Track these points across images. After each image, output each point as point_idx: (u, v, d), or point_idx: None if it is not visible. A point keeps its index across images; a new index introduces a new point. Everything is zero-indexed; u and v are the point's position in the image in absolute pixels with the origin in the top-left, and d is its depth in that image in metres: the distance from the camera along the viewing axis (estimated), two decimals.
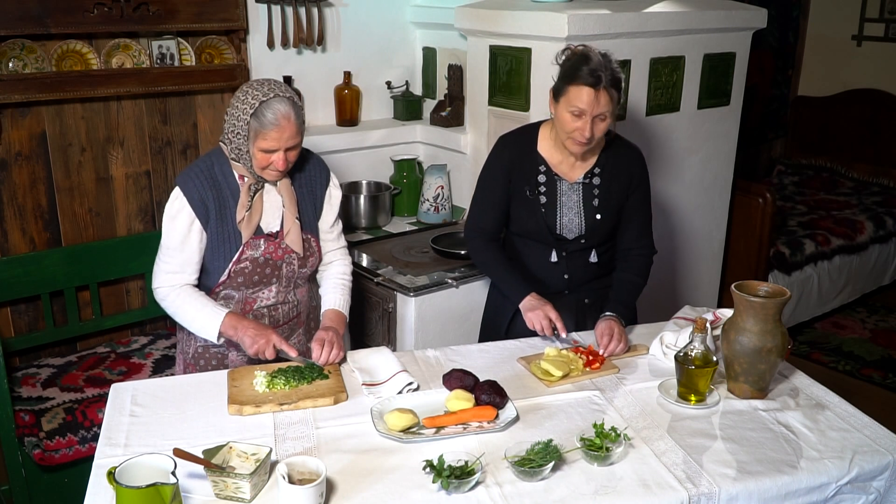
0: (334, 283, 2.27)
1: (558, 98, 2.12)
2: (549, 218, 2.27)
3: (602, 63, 2.05)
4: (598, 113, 2.06)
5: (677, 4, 3.11)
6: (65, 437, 2.45)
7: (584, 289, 2.37)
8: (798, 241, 4.39)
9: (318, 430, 1.74)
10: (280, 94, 1.99)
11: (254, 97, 1.98)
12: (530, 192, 2.25)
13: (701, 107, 3.32)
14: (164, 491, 1.35)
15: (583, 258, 2.32)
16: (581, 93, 2.04)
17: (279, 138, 1.98)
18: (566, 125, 2.11)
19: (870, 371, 4.06)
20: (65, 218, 2.87)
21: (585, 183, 2.26)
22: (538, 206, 2.26)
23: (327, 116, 3.40)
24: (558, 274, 2.33)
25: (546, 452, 1.59)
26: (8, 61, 2.62)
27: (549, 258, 2.30)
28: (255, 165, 2.04)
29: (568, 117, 2.09)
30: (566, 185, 2.26)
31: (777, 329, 1.84)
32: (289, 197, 2.14)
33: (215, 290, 2.14)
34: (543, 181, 2.26)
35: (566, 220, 2.27)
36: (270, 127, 1.96)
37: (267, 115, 1.96)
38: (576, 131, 2.09)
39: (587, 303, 2.38)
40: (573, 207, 2.27)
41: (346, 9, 3.31)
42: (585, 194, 2.27)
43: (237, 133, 2.00)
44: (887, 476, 1.70)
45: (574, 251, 2.30)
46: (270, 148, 1.99)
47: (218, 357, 2.20)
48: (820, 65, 5.71)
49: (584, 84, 2.04)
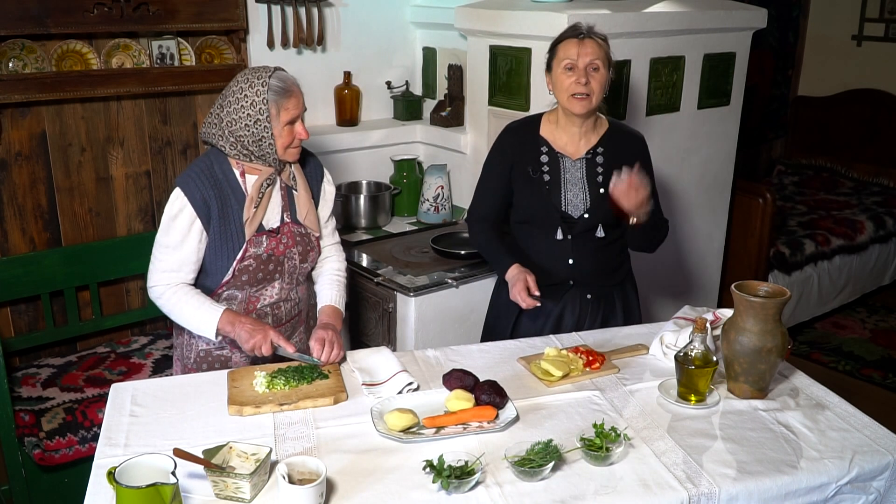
0: (329, 279, 2.28)
1: (551, 66, 2.25)
2: (554, 195, 2.29)
3: (582, 24, 2.23)
4: (589, 62, 2.17)
5: (677, 4, 3.11)
6: (65, 437, 2.45)
7: (588, 281, 2.36)
8: (798, 241, 4.39)
9: (318, 430, 1.74)
10: (277, 68, 2.08)
11: (258, 78, 2.03)
12: (533, 171, 2.29)
13: (701, 107, 3.32)
14: (164, 491, 1.35)
15: (589, 239, 2.32)
16: (568, 46, 2.19)
17: (297, 104, 2.07)
18: (563, 84, 2.20)
19: (870, 371, 4.06)
20: (65, 218, 2.87)
21: (588, 158, 2.30)
22: (542, 184, 2.29)
23: (327, 116, 3.41)
24: (563, 258, 2.32)
25: (546, 452, 1.59)
26: (8, 61, 2.62)
27: (555, 236, 2.31)
28: (280, 147, 2.07)
29: (563, 77, 2.20)
30: (569, 162, 2.30)
31: (777, 329, 1.84)
32: (301, 180, 2.17)
33: (218, 291, 2.14)
34: (546, 161, 2.31)
35: (570, 195, 2.29)
36: (288, 95, 2.04)
37: (280, 85, 2.03)
38: (573, 85, 2.17)
39: (589, 298, 2.38)
40: (577, 183, 2.30)
41: (346, 9, 3.32)
42: (589, 170, 2.30)
43: (256, 121, 2.02)
44: (887, 476, 1.70)
45: (579, 232, 2.30)
46: (293, 117, 2.06)
47: (221, 360, 2.19)
48: (820, 65, 5.71)
49: (568, 38, 2.20)
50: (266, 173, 2.10)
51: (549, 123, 2.34)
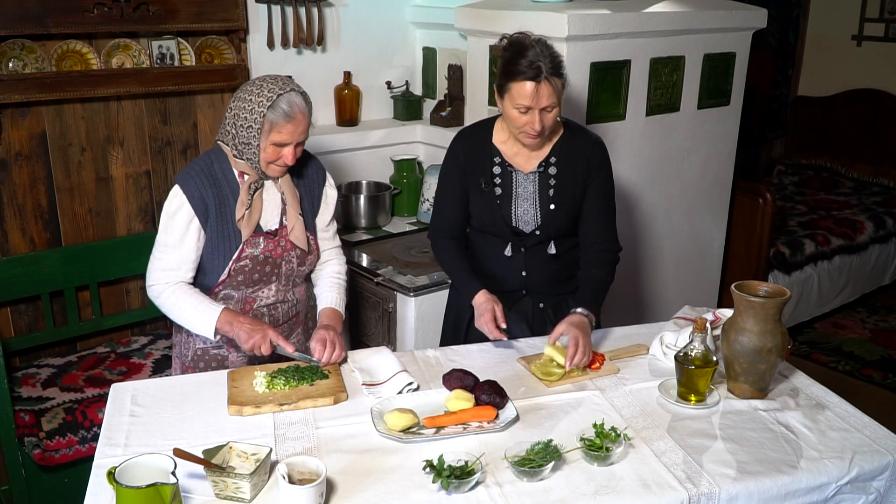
0: (330, 281, 2.27)
1: (502, 95, 2.08)
2: (505, 210, 2.22)
3: (539, 53, 2.00)
4: (544, 106, 2.03)
5: (677, 4, 3.11)
6: (65, 437, 2.45)
7: (542, 291, 2.31)
8: (798, 241, 4.39)
9: (318, 430, 1.74)
10: (295, 89, 2.02)
11: (270, 90, 1.99)
12: (485, 184, 2.21)
13: (701, 107, 3.32)
14: (164, 491, 1.35)
15: (541, 253, 2.26)
16: (523, 88, 2.00)
17: (293, 132, 2.01)
18: (515, 121, 2.08)
19: (870, 371, 4.06)
20: (65, 218, 2.87)
21: (541, 172, 2.21)
22: (493, 198, 2.22)
23: (327, 116, 3.41)
24: (516, 271, 2.27)
25: (546, 452, 1.59)
26: (8, 61, 2.62)
27: (505, 251, 2.25)
28: (263, 160, 2.04)
29: (515, 113, 2.06)
30: (521, 176, 2.22)
31: (777, 329, 1.84)
32: (291, 194, 2.15)
33: (215, 290, 2.14)
34: (498, 172, 2.22)
35: (521, 211, 2.22)
36: (287, 120, 1.99)
37: (284, 108, 1.99)
38: (525, 125, 2.07)
39: (542, 307, 2.33)
40: (528, 199, 2.22)
41: (346, 9, 3.32)
42: (541, 184, 2.22)
43: (248, 126, 2.01)
44: (887, 476, 1.70)
45: (531, 245, 2.25)
46: (283, 141, 2.01)
47: (218, 359, 2.19)
48: (820, 65, 5.71)
49: (525, 79, 1.99)
50: (254, 175, 2.10)
51: (501, 131, 2.23)
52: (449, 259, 2.29)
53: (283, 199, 2.15)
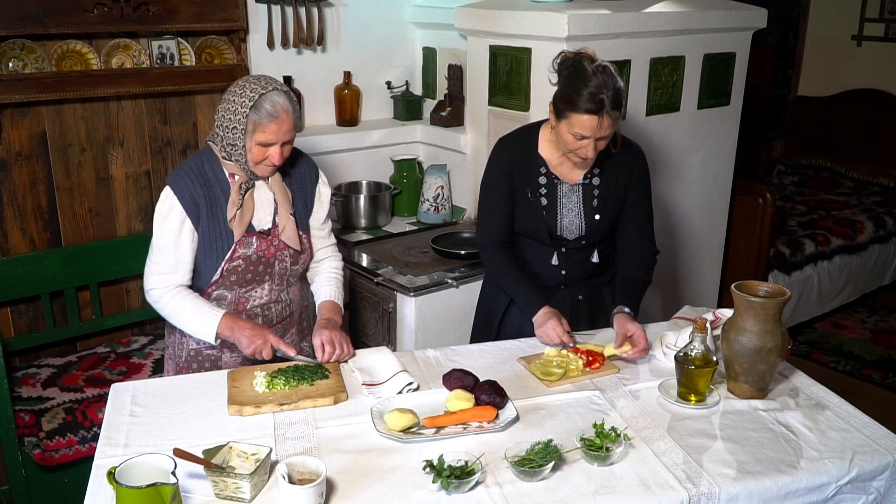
0: (327, 276, 2.27)
1: (559, 118, 2.07)
2: (550, 219, 2.26)
3: (602, 84, 1.96)
4: (602, 136, 2.04)
5: (677, 4, 3.11)
6: (65, 437, 2.45)
7: (579, 285, 2.36)
8: (798, 241, 4.39)
9: (318, 430, 1.74)
10: (278, 88, 2.01)
11: (252, 90, 1.99)
12: (531, 194, 2.24)
13: (701, 107, 3.32)
14: (164, 491, 1.35)
15: (583, 256, 2.31)
16: (583, 120, 2.00)
17: (278, 131, 2.00)
18: (568, 144, 2.09)
19: (870, 371, 4.06)
20: (65, 218, 2.87)
21: (585, 184, 2.25)
22: (539, 207, 2.25)
23: (327, 116, 3.41)
24: (556, 270, 2.32)
25: (546, 452, 1.59)
26: (8, 61, 2.62)
27: (550, 260, 2.29)
28: (250, 160, 2.04)
29: (570, 138, 2.06)
30: (566, 187, 2.25)
31: (777, 329, 1.84)
32: (281, 194, 2.14)
33: (207, 291, 2.13)
34: (544, 183, 2.25)
35: (566, 221, 2.27)
36: (270, 119, 1.98)
37: (267, 108, 1.97)
38: (579, 149, 2.08)
39: (581, 299, 2.37)
40: (573, 209, 2.26)
41: (346, 9, 3.32)
42: (585, 195, 2.26)
43: (233, 127, 2.00)
44: (887, 476, 1.70)
45: (573, 249, 2.30)
46: (268, 141, 2.00)
47: (211, 360, 2.19)
48: (820, 65, 5.71)
49: (586, 112, 1.98)
50: (244, 176, 2.09)
51: (546, 141, 2.24)
52: (506, 271, 2.28)
53: (275, 199, 2.15)
